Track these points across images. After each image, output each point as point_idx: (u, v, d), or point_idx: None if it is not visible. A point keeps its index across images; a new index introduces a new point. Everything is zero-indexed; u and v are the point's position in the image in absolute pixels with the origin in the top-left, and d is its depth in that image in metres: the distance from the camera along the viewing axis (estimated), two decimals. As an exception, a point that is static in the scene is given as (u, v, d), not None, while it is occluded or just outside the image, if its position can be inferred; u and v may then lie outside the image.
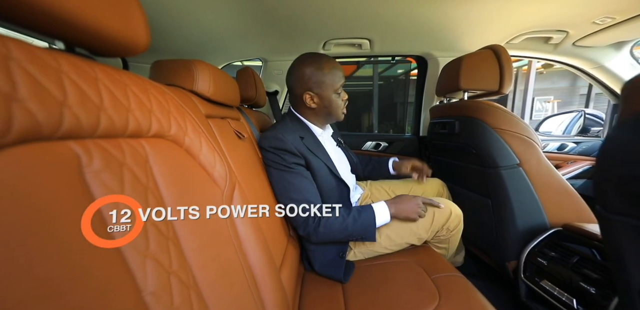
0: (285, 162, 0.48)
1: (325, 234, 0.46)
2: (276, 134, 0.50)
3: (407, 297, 0.40)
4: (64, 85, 0.16)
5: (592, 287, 0.37)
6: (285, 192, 0.48)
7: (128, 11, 0.22)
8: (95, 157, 0.17)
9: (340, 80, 0.52)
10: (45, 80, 0.15)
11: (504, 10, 0.61)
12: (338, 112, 0.55)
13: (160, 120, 0.25)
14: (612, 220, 0.26)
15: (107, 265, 0.15)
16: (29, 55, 0.14)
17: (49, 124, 0.14)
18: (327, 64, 0.51)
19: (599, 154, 0.25)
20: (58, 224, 0.13)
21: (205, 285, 0.22)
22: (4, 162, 0.12)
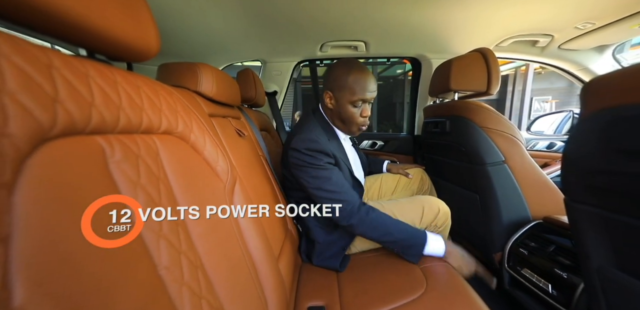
0: (321, 162, 0.49)
1: (373, 223, 0.45)
2: (311, 136, 0.50)
3: (396, 284, 0.43)
4: (92, 89, 0.19)
5: (564, 273, 0.40)
6: (325, 186, 0.47)
7: (141, 21, 0.24)
8: (116, 150, 0.20)
9: (360, 94, 0.50)
10: (78, 84, 0.17)
11: (492, 15, 0.64)
12: (351, 125, 0.54)
13: (169, 119, 0.27)
14: (576, 209, 0.29)
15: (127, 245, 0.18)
16: (67, 64, 0.17)
17: (81, 121, 0.17)
18: (357, 73, 0.50)
19: (564, 150, 0.28)
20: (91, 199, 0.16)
21: (211, 268, 0.25)
22: (52, 151, 0.15)
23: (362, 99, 0.51)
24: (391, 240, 0.46)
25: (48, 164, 0.14)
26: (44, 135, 0.14)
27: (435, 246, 0.47)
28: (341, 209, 0.46)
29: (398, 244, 0.46)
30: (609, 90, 0.23)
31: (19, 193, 0.12)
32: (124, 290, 0.16)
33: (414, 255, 0.46)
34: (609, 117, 0.22)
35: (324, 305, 0.41)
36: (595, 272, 0.28)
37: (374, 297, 0.41)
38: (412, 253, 0.46)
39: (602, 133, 0.23)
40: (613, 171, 0.23)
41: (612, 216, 0.25)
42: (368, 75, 0.51)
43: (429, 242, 0.47)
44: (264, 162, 0.58)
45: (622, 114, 0.21)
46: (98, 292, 0.14)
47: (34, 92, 0.14)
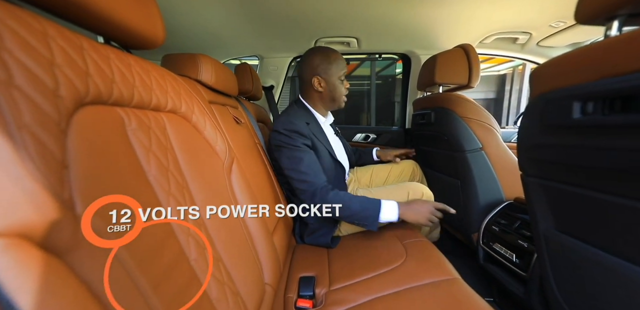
0: (296, 142, 0.54)
1: (333, 203, 0.48)
2: (289, 118, 0.57)
3: (380, 257, 0.48)
4: (112, 69, 0.22)
5: (525, 243, 0.45)
6: (297, 166, 0.52)
7: (151, 13, 0.28)
8: (132, 120, 0.24)
9: (343, 69, 0.59)
10: (102, 64, 0.21)
11: (473, 13, 0.69)
12: (340, 99, 0.62)
13: (174, 100, 0.31)
14: (527, 182, 0.33)
15: (146, 192, 0.22)
16: (93, 47, 0.21)
17: (106, 93, 0.21)
18: (333, 54, 0.59)
19: (519, 130, 0.33)
20: (121, 158, 0.20)
21: (213, 228, 0.29)
22: (87, 114, 0.19)
23: (345, 73, 0.60)
24: (348, 214, 0.49)
25: (85, 123, 0.18)
26: (82, 101, 0.18)
27: (388, 213, 0.49)
28: (306, 190, 0.51)
29: (356, 217, 0.49)
30: (543, 78, 0.28)
31: (70, 138, 0.16)
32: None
33: (372, 224, 0.49)
34: (544, 101, 0.27)
35: (315, 275, 0.46)
36: (542, 236, 0.33)
37: (359, 267, 0.46)
38: (369, 223, 0.49)
39: (540, 114, 0.28)
40: (544, 144, 0.28)
41: (547, 184, 0.30)
42: (339, 54, 0.60)
43: (383, 210, 0.49)
44: (259, 148, 0.62)
45: (550, 96, 0.26)
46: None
47: (73, 67, 0.18)
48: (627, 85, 0.20)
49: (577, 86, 0.24)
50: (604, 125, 0.22)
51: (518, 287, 0.46)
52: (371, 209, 0.49)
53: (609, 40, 0.22)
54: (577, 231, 0.29)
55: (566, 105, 0.24)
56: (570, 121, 0.24)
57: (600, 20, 0.24)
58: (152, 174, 0.24)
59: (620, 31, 0.23)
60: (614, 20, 0.23)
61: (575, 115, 0.23)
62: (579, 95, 0.23)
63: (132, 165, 0.22)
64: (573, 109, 0.23)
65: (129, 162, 0.22)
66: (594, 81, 0.22)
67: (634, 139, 0.20)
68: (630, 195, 0.22)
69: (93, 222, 0.15)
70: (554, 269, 0.33)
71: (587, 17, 0.24)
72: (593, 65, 0.23)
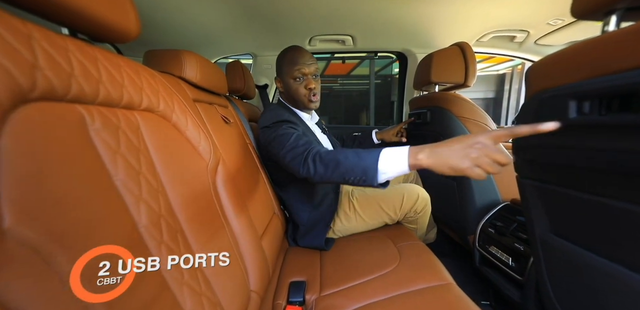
0: (284, 129, 0.48)
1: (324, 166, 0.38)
2: (272, 112, 0.54)
3: (373, 261, 0.46)
4: (71, 61, 0.20)
5: (521, 246, 0.44)
6: (286, 142, 0.45)
7: (121, 4, 0.26)
8: (96, 119, 0.22)
9: (294, 67, 0.54)
10: (57, 55, 0.19)
11: (470, 10, 0.67)
12: (301, 99, 0.56)
13: (150, 98, 0.29)
14: (523, 184, 0.32)
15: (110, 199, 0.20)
16: (46, 36, 0.19)
17: (61, 88, 0.19)
18: (289, 53, 0.56)
19: None
20: (76, 162, 0.18)
21: (192, 235, 0.27)
22: (34, 111, 0.16)
23: (300, 70, 0.54)
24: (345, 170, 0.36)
25: (30, 122, 0.16)
26: (24, 97, 0.16)
27: (393, 162, 0.33)
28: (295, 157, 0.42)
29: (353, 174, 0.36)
30: (538, 76, 0.26)
31: (3, 139, 0.14)
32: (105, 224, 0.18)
33: (371, 178, 0.34)
34: (539, 100, 0.26)
35: (305, 280, 0.44)
36: (538, 239, 0.32)
37: (351, 272, 0.44)
38: (368, 176, 0.34)
39: (535, 113, 0.26)
40: (539, 144, 0.26)
41: (543, 186, 0.28)
42: (300, 51, 0.55)
43: (384, 156, 0.34)
44: (250, 148, 0.60)
45: (545, 95, 0.25)
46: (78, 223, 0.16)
47: (13, 57, 0.16)
48: (624, 83, 0.19)
49: (573, 84, 0.22)
50: (601, 126, 0.20)
51: (514, 292, 0.45)
52: (368, 158, 0.35)
53: (605, 35, 0.21)
54: (573, 235, 0.28)
55: (562, 104, 0.23)
56: (566, 121, 0.23)
57: (597, 15, 0.22)
58: (119, 177, 0.22)
59: (619, 26, 0.22)
60: (612, 14, 0.21)
61: (572, 115, 0.22)
62: (574, 94, 0.22)
63: (92, 168, 0.20)
64: (569, 109, 0.22)
65: (89, 165, 0.20)
66: (589, 79, 0.21)
67: (632, 140, 0.19)
68: (629, 198, 0.21)
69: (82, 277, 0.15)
70: (550, 274, 0.32)
71: (584, 12, 0.23)
72: (588, 62, 0.21)
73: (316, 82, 0.58)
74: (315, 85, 0.57)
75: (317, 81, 0.58)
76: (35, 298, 0.13)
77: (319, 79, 0.59)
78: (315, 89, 0.57)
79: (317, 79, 0.58)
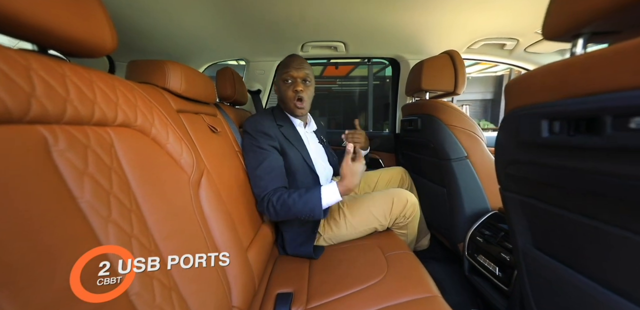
0: (260, 143, 0.54)
1: (275, 210, 0.49)
2: (256, 118, 0.58)
3: (360, 271, 0.46)
4: (32, 80, 0.20)
5: (508, 256, 0.44)
6: (254, 170, 0.53)
7: (94, 18, 0.25)
8: (60, 139, 0.21)
9: (284, 69, 0.58)
10: (14, 75, 0.18)
11: (460, 19, 0.68)
12: (288, 102, 0.59)
13: (126, 112, 0.29)
14: (505, 196, 0.32)
15: (71, 223, 0.19)
16: (3, 56, 0.18)
17: (17, 110, 0.18)
18: (285, 59, 0.61)
19: (495, 144, 0.31)
20: (32, 188, 0.17)
21: (167, 253, 0.26)
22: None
23: (289, 73, 0.58)
24: (301, 216, 0.49)
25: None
26: None
27: (329, 196, 0.49)
28: (257, 195, 0.52)
29: (302, 213, 0.49)
30: (514, 93, 0.27)
31: None
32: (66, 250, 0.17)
33: (318, 215, 0.49)
34: (516, 116, 0.26)
35: (292, 292, 0.43)
36: (520, 250, 0.32)
37: (338, 283, 0.44)
38: (316, 214, 0.48)
39: (514, 129, 0.27)
40: (519, 160, 0.27)
41: (524, 199, 0.28)
42: (293, 57, 0.60)
43: (324, 199, 0.49)
44: (239, 157, 0.59)
45: (521, 113, 0.25)
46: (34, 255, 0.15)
47: None
48: (584, 108, 0.19)
49: (545, 104, 0.23)
50: (569, 146, 0.21)
51: (501, 302, 0.45)
52: (313, 200, 0.48)
53: (572, 59, 0.21)
54: (552, 250, 0.28)
55: (535, 122, 0.23)
56: (540, 139, 0.23)
57: (566, 37, 0.23)
58: (85, 199, 0.21)
59: (585, 48, 0.23)
60: (578, 38, 0.22)
61: (544, 134, 0.22)
62: (546, 114, 0.22)
63: (52, 193, 0.19)
64: (541, 128, 0.22)
65: (47, 190, 0.19)
66: (557, 100, 0.22)
67: (598, 161, 0.19)
68: (601, 218, 0.21)
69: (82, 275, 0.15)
70: (532, 286, 0.32)
71: (553, 34, 0.24)
72: (557, 84, 0.22)
73: (305, 87, 0.59)
74: (303, 88, 0.58)
75: (308, 87, 0.59)
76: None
77: (310, 85, 0.60)
78: (301, 92, 0.58)
79: (307, 84, 0.59)
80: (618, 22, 0.20)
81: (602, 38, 0.23)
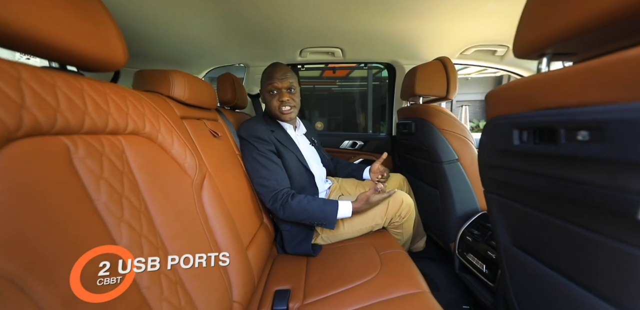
0: (258, 148, 0.57)
1: (292, 210, 0.53)
2: (250, 124, 0.61)
3: (355, 269, 0.48)
4: (58, 96, 0.22)
5: (494, 254, 0.47)
6: (258, 172, 0.56)
7: (108, 37, 0.28)
8: (80, 148, 0.23)
9: (268, 81, 0.61)
10: (44, 93, 0.21)
11: (454, 27, 0.71)
12: (274, 111, 0.62)
13: (136, 121, 0.31)
14: (488, 198, 0.35)
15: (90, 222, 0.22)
16: (35, 76, 0.21)
17: (47, 123, 0.21)
18: (267, 69, 0.63)
19: (478, 149, 0.34)
20: (58, 191, 0.20)
21: (174, 251, 0.29)
22: (19, 148, 0.18)
23: (272, 85, 0.60)
24: (309, 216, 0.53)
25: (13, 159, 0.18)
26: (10, 136, 0.18)
27: (343, 212, 0.55)
28: (265, 195, 0.55)
29: (315, 219, 0.53)
30: (491, 104, 0.30)
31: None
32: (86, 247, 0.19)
33: (330, 224, 0.54)
34: (493, 125, 0.29)
35: (290, 289, 0.45)
36: (502, 249, 0.34)
37: (333, 280, 0.46)
38: (328, 223, 0.53)
39: (492, 136, 0.29)
40: (497, 164, 0.29)
41: (504, 201, 0.31)
42: (276, 67, 0.62)
43: (340, 212, 0.54)
44: (239, 160, 0.62)
45: (497, 122, 0.28)
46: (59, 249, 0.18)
47: (4, 103, 0.18)
48: (545, 120, 0.22)
49: (515, 115, 0.25)
50: (536, 153, 0.23)
51: (487, 297, 0.47)
52: (329, 211, 0.53)
53: (536, 76, 0.24)
54: (528, 248, 0.30)
55: (508, 131, 0.26)
56: (513, 147, 0.25)
57: (533, 56, 0.26)
58: (101, 201, 0.24)
59: (549, 65, 0.25)
60: (543, 57, 0.25)
61: (515, 142, 0.25)
62: (515, 124, 0.25)
63: (74, 196, 0.21)
64: (513, 136, 0.25)
65: (70, 193, 0.21)
66: (525, 112, 0.24)
67: (556, 167, 0.22)
68: (569, 219, 0.23)
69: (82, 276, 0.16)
70: (512, 281, 0.34)
71: (522, 53, 0.27)
72: (525, 97, 0.25)
73: (290, 95, 0.62)
74: (289, 98, 0.61)
75: (293, 94, 0.62)
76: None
77: (295, 92, 0.63)
78: (287, 101, 0.61)
79: (292, 92, 0.62)
80: (573, 45, 0.23)
81: (564, 58, 0.25)
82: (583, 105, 0.19)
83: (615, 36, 0.21)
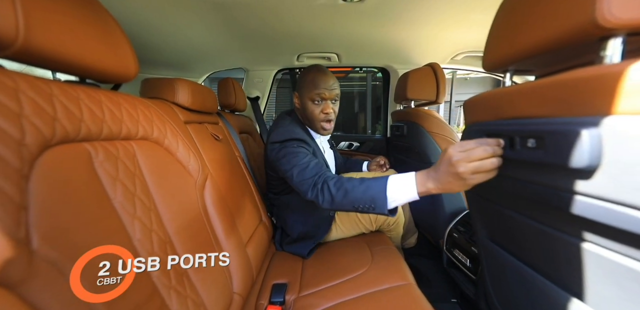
0: (300, 147, 0.50)
1: (332, 194, 0.39)
2: (287, 128, 0.54)
3: (347, 265, 0.51)
4: (82, 109, 0.26)
5: (476, 249, 0.50)
6: (292, 167, 0.46)
7: (123, 54, 0.32)
8: (99, 153, 0.27)
9: (315, 90, 0.54)
10: (72, 107, 0.24)
11: (445, 33, 0.75)
12: (314, 121, 0.56)
13: (145, 127, 0.34)
14: (468, 196, 0.38)
15: (110, 219, 0.25)
16: (63, 91, 0.24)
17: (73, 132, 0.24)
18: (315, 73, 0.55)
19: None
20: (84, 191, 0.23)
21: (179, 243, 0.32)
22: (53, 154, 0.22)
23: (320, 95, 0.54)
24: (358, 206, 0.38)
25: (50, 163, 0.21)
26: (47, 144, 0.21)
27: (399, 192, 0.36)
28: (302, 183, 0.44)
29: (361, 203, 0.38)
30: (467, 112, 0.33)
31: (32, 181, 0.19)
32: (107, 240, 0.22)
33: (380, 207, 0.36)
34: (470, 130, 0.32)
35: (287, 282, 0.49)
36: (480, 243, 0.38)
37: (328, 275, 0.49)
38: (378, 206, 0.37)
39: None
40: None
41: (481, 200, 0.34)
42: (325, 74, 0.55)
43: (390, 192, 0.36)
44: (240, 161, 0.65)
45: (472, 128, 0.31)
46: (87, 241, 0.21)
47: (41, 115, 0.21)
48: (506, 129, 0.26)
49: (485, 123, 0.29)
50: (502, 157, 0.27)
51: (470, 289, 0.50)
52: (375, 187, 0.36)
53: (502, 89, 0.28)
54: (500, 241, 0.33)
55: (481, 137, 0.29)
56: None
57: (498, 71, 0.29)
58: (117, 200, 0.27)
59: (512, 79, 0.29)
60: (506, 72, 0.29)
61: None
62: (486, 131, 0.29)
63: (96, 195, 0.25)
64: None
65: (93, 192, 0.24)
66: (492, 120, 0.28)
67: (517, 170, 0.25)
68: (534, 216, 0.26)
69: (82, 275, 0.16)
70: (489, 272, 0.37)
71: (489, 68, 0.30)
72: (492, 107, 0.28)
73: (334, 106, 0.57)
74: (334, 108, 0.56)
75: (336, 105, 0.57)
76: (54, 301, 0.18)
77: (337, 103, 0.57)
78: (331, 114, 0.56)
79: (335, 103, 0.57)
80: (530, 64, 0.26)
81: (525, 73, 0.29)
82: (530, 117, 0.23)
83: (566, 57, 0.24)
